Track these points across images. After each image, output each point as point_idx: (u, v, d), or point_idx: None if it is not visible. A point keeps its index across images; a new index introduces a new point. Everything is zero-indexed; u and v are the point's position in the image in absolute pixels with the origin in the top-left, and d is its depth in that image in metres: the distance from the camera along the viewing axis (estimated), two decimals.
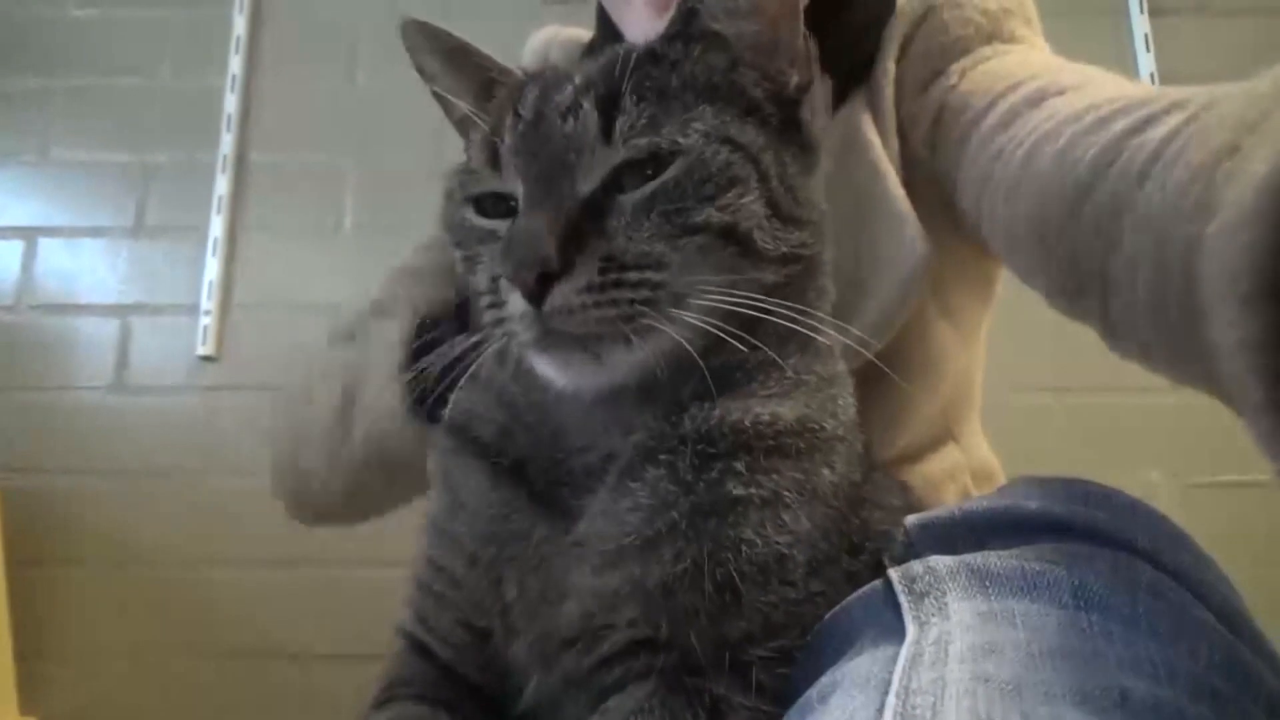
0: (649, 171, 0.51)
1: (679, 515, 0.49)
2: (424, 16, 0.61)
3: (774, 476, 0.50)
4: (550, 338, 0.48)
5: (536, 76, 0.58)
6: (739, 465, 0.49)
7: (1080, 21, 2.04)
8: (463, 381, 0.57)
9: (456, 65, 0.61)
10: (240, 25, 2.18)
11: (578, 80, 0.54)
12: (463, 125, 0.63)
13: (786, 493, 0.50)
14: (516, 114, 0.54)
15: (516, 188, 0.52)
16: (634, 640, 0.49)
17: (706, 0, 0.55)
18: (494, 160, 0.54)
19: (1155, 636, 0.38)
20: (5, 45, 2.20)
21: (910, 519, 0.52)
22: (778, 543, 0.49)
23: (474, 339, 0.54)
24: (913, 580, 0.45)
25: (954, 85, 0.77)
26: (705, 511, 0.49)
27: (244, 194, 2.12)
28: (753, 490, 0.49)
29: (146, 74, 2.18)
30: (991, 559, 0.44)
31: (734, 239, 0.51)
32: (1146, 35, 2.11)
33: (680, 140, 0.51)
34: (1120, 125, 0.54)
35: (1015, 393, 1.87)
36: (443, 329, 0.77)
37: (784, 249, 0.53)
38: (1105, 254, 0.52)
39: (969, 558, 0.44)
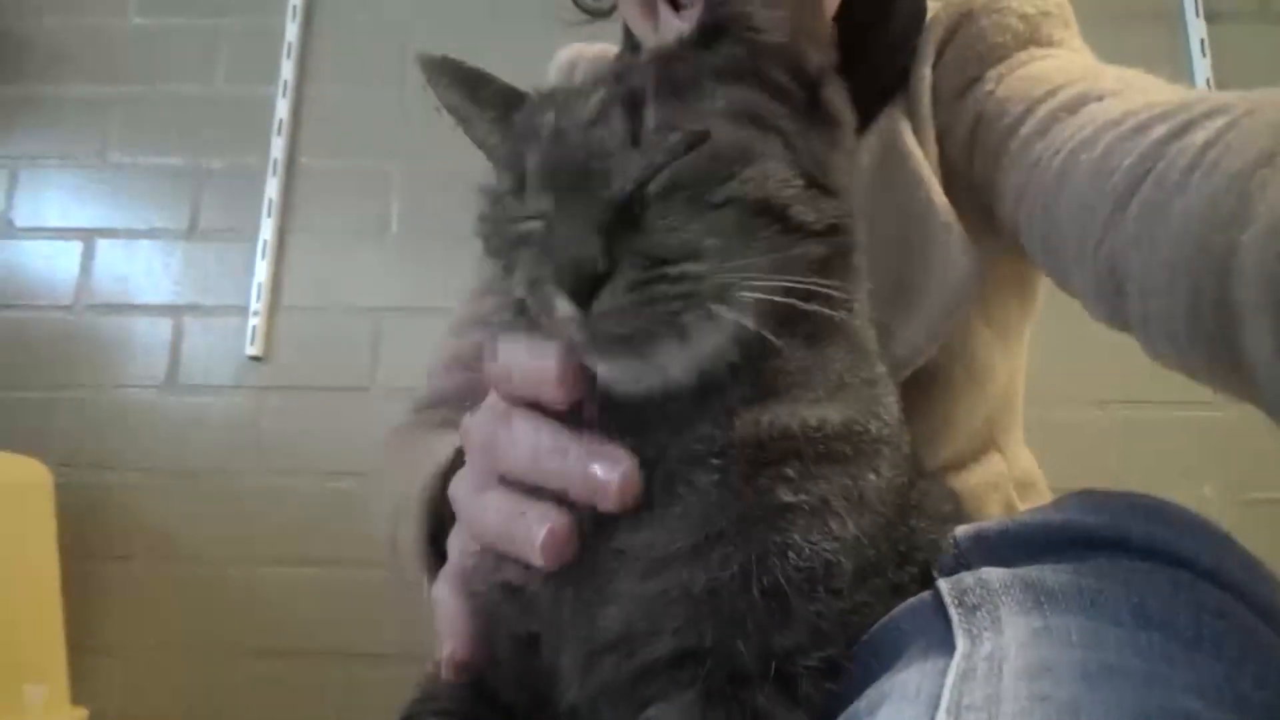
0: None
1: (727, 522, 0.48)
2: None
3: (822, 483, 0.48)
4: (601, 340, 0.47)
5: (549, 96, 0.57)
6: (790, 472, 0.48)
7: (1135, 27, 2.00)
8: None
9: (477, 95, 0.61)
10: (292, 32, 2.23)
11: (600, 92, 0.52)
12: (491, 152, 0.63)
13: (834, 499, 0.48)
14: (538, 134, 0.52)
15: (544, 203, 0.51)
16: (677, 650, 0.48)
17: None
18: (519, 182, 0.53)
19: (1220, 659, 0.37)
20: (66, 52, 2.28)
21: (960, 529, 0.51)
22: (825, 550, 0.47)
23: None
24: (964, 592, 0.44)
25: (991, 91, 0.76)
26: (754, 518, 0.48)
27: (293, 198, 2.16)
28: (802, 497, 0.48)
29: (201, 80, 2.24)
30: (1047, 573, 0.42)
31: (771, 213, 0.49)
32: (1203, 40, 2.07)
33: (702, 125, 0.49)
34: (1159, 131, 0.53)
35: (1064, 406, 1.84)
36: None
37: (829, 219, 0.51)
38: (1143, 261, 0.51)
39: (1023, 571, 0.43)
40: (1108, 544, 0.45)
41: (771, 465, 0.48)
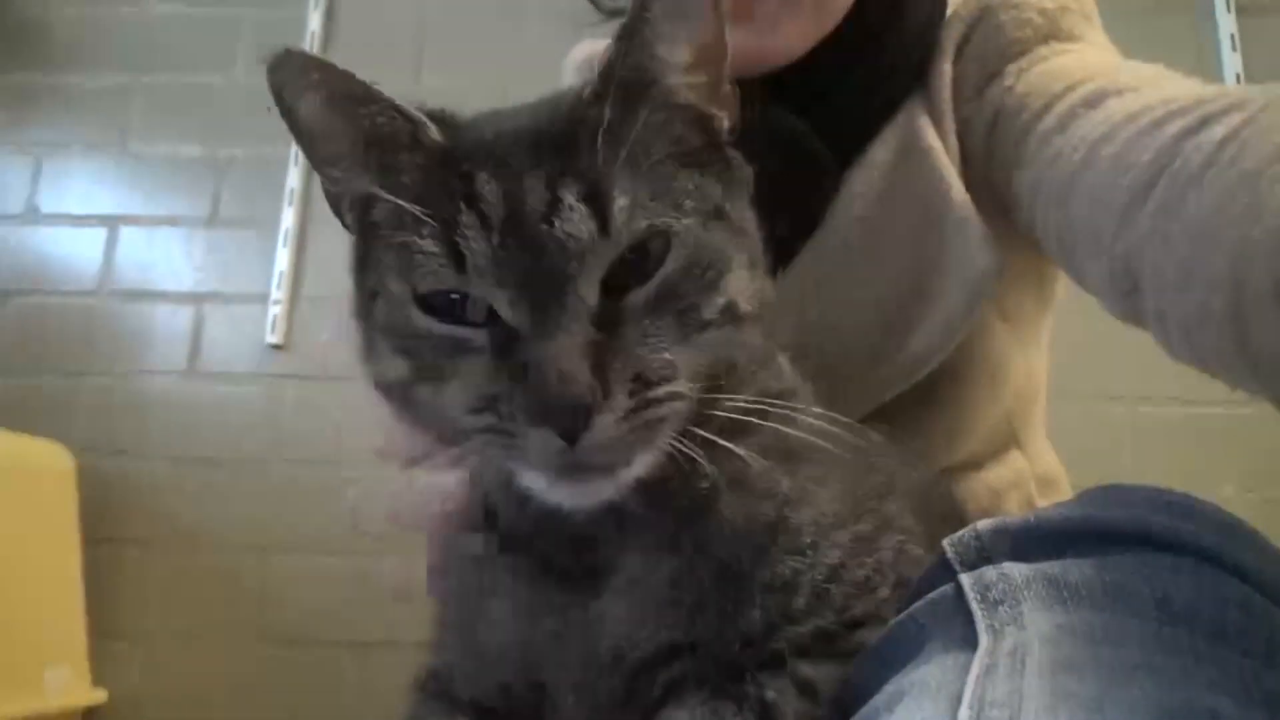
0: (643, 257, 0.46)
1: (662, 535, 0.50)
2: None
3: (739, 450, 0.47)
4: (577, 469, 0.45)
5: (472, 146, 0.50)
6: (710, 465, 0.47)
7: (1165, 21, 1.98)
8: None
9: (341, 110, 0.52)
10: (315, 22, 2.23)
11: (541, 170, 0.46)
12: (350, 197, 0.54)
13: (754, 461, 0.48)
14: (480, 212, 0.45)
15: (495, 295, 0.45)
16: (661, 647, 0.49)
17: (642, 53, 0.49)
18: (454, 256, 0.45)
19: (1247, 655, 0.37)
20: (88, 41, 2.29)
21: (982, 524, 0.50)
22: (760, 513, 0.49)
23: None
24: (986, 588, 0.44)
25: (1011, 87, 0.75)
26: (681, 519, 0.50)
27: (315, 187, 2.15)
28: (715, 470, 0.48)
29: (223, 70, 2.24)
30: (1070, 568, 0.42)
31: (731, 317, 0.48)
32: (1233, 35, 2.05)
33: (674, 220, 0.47)
34: (1176, 127, 0.53)
35: (1086, 404, 1.83)
36: None
37: (758, 302, 0.51)
38: (1158, 259, 0.52)
39: (1046, 566, 0.43)
40: (1130, 538, 0.44)
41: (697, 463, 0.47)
